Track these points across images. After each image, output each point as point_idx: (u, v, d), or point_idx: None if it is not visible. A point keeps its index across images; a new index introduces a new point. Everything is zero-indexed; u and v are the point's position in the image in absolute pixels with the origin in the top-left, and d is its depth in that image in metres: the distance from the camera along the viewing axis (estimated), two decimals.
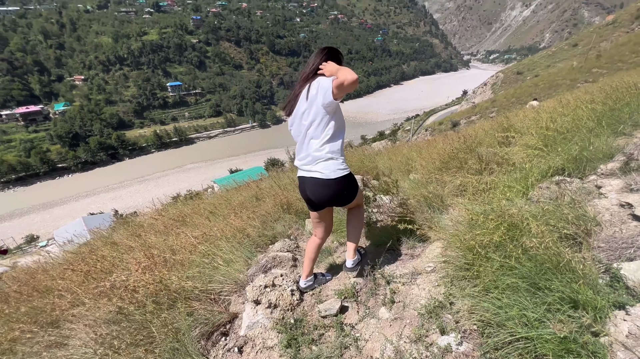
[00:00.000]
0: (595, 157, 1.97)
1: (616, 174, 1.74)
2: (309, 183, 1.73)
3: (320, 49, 1.77)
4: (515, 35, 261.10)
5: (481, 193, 1.89)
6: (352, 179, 1.78)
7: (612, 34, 49.74)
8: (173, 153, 71.89)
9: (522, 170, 1.99)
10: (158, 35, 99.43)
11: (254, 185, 4.23)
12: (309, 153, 1.70)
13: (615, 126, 2.18)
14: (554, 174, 1.94)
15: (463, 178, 2.02)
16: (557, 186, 1.77)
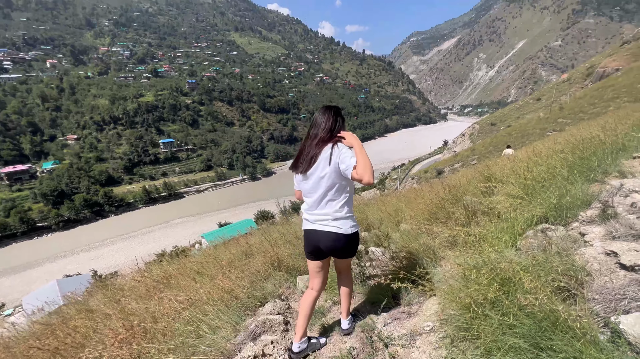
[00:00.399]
0: (574, 204, 2.05)
1: (596, 221, 1.80)
2: (323, 236, 1.84)
3: (326, 107, 1.93)
4: (485, 91, 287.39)
5: (471, 245, 1.91)
6: (359, 235, 1.95)
7: (569, 90, 55.45)
8: (161, 208, 70.56)
9: (508, 219, 2.04)
10: (154, 97, 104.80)
11: (243, 240, 4.12)
12: (327, 212, 1.82)
13: (587, 173, 2.32)
14: (539, 222, 1.99)
15: (451, 230, 2.04)
16: (544, 235, 1.81)
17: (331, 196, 1.79)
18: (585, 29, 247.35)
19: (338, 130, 1.87)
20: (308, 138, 1.89)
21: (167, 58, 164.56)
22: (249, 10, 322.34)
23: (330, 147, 1.79)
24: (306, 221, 1.92)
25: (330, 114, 1.90)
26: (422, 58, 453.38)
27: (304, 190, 1.91)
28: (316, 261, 1.96)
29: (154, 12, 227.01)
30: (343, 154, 1.72)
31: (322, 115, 1.89)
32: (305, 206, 1.93)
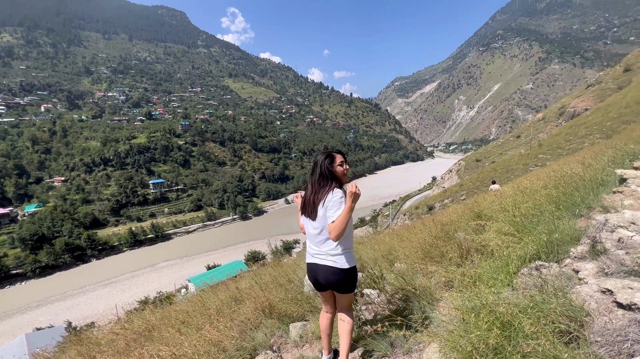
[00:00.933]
0: (564, 240, 2.08)
1: (587, 257, 1.84)
2: (322, 269, 1.98)
3: (320, 153, 2.07)
4: (467, 130, 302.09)
5: (467, 286, 1.90)
6: (356, 271, 2.04)
7: (545, 128, 58.85)
8: (146, 251, 67.70)
9: (501, 257, 2.05)
10: (146, 139, 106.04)
11: (233, 284, 3.92)
12: (324, 250, 1.96)
13: (572, 209, 2.38)
14: (532, 259, 1.99)
15: (446, 272, 2.03)
16: (538, 273, 1.82)
17: (327, 235, 1.92)
18: (552, 73, 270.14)
19: (330, 172, 2.01)
20: (310, 184, 2.08)
21: (162, 102, 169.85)
22: (243, 58, 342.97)
23: (326, 191, 1.95)
24: (308, 255, 2.11)
25: (326, 159, 2.04)
26: (407, 100, 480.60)
27: (305, 227, 2.10)
28: (321, 291, 2.12)
29: (152, 60, 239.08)
30: (332, 203, 1.88)
31: (317, 162, 2.06)
32: (308, 242, 2.10)
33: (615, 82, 47.36)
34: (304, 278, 2.91)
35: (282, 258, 6.03)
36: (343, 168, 2.03)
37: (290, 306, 2.64)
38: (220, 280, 27.68)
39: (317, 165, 2.02)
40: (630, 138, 5.78)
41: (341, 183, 2.03)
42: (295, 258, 5.27)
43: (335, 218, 1.82)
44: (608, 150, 4.09)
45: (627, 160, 2.98)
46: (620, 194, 2.26)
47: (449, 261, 2.29)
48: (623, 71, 50.30)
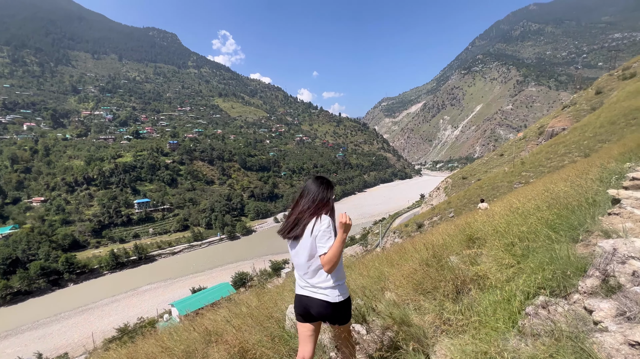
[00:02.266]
0: (568, 269, 1.92)
1: (599, 293, 1.65)
2: (313, 303, 1.86)
3: (316, 177, 1.98)
4: (452, 148, 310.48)
5: (466, 328, 1.77)
6: (350, 302, 1.93)
7: (526, 146, 61.04)
8: (128, 274, 64.73)
9: (502, 290, 1.91)
10: (132, 157, 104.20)
11: (208, 318, 3.57)
12: (315, 282, 1.85)
13: (569, 232, 2.23)
14: (535, 294, 1.85)
15: (442, 309, 1.89)
16: (545, 311, 1.64)
17: (316, 266, 1.83)
18: (530, 95, 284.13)
19: (326, 203, 1.93)
20: (297, 206, 1.94)
21: (150, 120, 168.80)
22: (233, 79, 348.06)
23: (313, 216, 1.86)
24: (298, 286, 1.96)
25: (322, 186, 1.95)
26: (394, 120, 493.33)
27: (292, 256, 1.97)
28: (306, 323, 1.93)
29: (141, 80, 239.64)
30: (321, 232, 1.78)
31: (314, 186, 1.94)
32: (296, 273, 1.97)
33: (589, 104, 50.03)
34: (286, 310, 2.65)
35: (266, 284, 5.68)
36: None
37: (267, 349, 2.35)
38: (206, 304, 26.59)
39: (314, 191, 1.92)
40: (610, 156, 5.95)
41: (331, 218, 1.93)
42: (282, 283, 4.98)
43: (327, 249, 1.73)
44: (592, 168, 4.15)
45: (613, 179, 3.00)
46: (616, 216, 2.14)
47: (443, 296, 2.14)
48: (595, 93, 53.31)
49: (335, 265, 1.71)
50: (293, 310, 2.30)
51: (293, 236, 1.89)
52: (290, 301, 2.85)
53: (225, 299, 4.85)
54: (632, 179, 2.34)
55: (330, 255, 1.70)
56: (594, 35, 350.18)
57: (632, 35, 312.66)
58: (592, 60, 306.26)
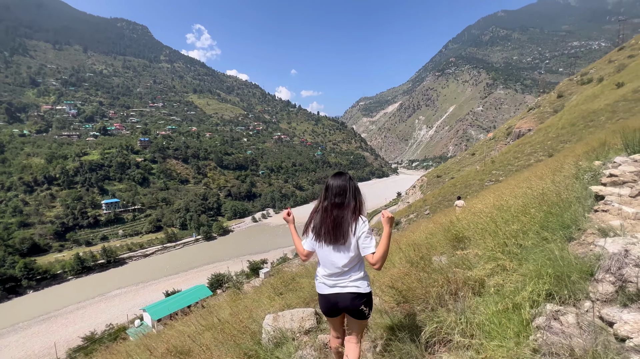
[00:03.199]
0: (572, 272, 1.73)
1: (616, 301, 1.47)
2: (342, 297, 1.89)
3: (342, 174, 2.02)
4: (427, 147, 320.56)
5: (469, 339, 1.62)
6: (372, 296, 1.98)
7: (496, 146, 64.18)
8: (96, 278, 61.21)
9: (503, 297, 1.75)
10: (100, 155, 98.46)
11: (175, 337, 3.23)
12: (347, 278, 1.89)
13: (563, 231, 2.12)
14: (545, 300, 1.67)
15: (437, 318, 1.76)
16: (558, 322, 1.45)
17: (352, 265, 1.88)
18: (498, 98, 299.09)
19: (358, 199, 1.95)
20: (329, 205, 1.95)
21: (119, 117, 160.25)
22: (208, 74, 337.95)
23: (355, 219, 1.88)
24: (324, 286, 1.96)
25: (352, 183, 1.97)
26: (371, 119, 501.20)
27: (326, 255, 1.93)
28: (332, 318, 2.02)
29: (109, 73, 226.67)
30: (365, 233, 1.84)
31: (344, 183, 1.96)
32: (323, 272, 1.96)
33: (551, 106, 53.36)
34: (263, 321, 2.45)
35: (242, 287, 5.42)
36: None
37: (326, 315, 2.19)
38: (180, 307, 25.50)
39: (352, 188, 1.95)
40: (575, 155, 6.30)
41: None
42: (260, 285, 4.77)
43: (374, 248, 1.80)
44: (565, 166, 4.33)
45: (586, 176, 3.12)
46: (605, 213, 2.06)
47: (436, 302, 2.00)
48: (557, 97, 56.96)
49: (385, 260, 1.81)
50: (270, 322, 2.21)
51: (341, 241, 1.87)
52: (267, 308, 2.71)
53: (200, 303, 4.60)
54: (610, 176, 2.41)
55: (381, 253, 1.76)
56: (555, 43, 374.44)
57: (589, 44, 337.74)
58: (554, 66, 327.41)
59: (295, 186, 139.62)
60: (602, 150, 6.33)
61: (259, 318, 2.60)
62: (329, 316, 2.01)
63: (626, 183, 2.28)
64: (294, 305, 2.62)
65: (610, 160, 3.58)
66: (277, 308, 2.67)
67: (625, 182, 2.29)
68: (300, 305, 2.60)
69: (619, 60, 52.28)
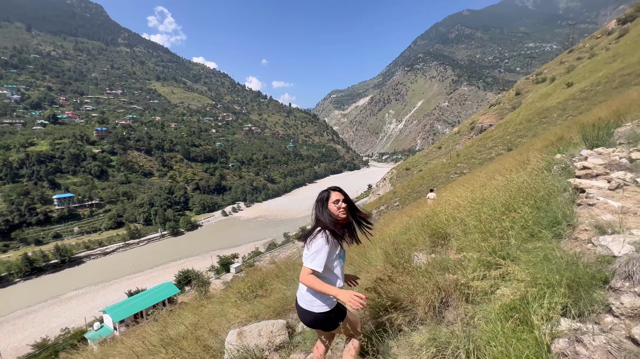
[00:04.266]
0: (580, 278, 1.46)
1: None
2: (299, 311, 1.92)
3: (326, 190, 2.00)
4: (397, 141, 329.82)
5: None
6: (330, 314, 1.83)
7: (461, 140, 67.42)
8: (49, 279, 56.48)
9: (507, 309, 1.47)
10: (49, 146, 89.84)
11: (136, 337, 2.91)
12: (301, 290, 1.91)
13: (554, 228, 1.95)
14: (559, 314, 1.40)
15: (433, 340, 1.50)
16: (583, 348, 1.21)
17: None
18: (463, 94, 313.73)
19: (324, 209, 1.94)
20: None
21: (72, 104, 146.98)
22: (173, 61, 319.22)
23: (313, 232, 1.85)
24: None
25: (320, 198, 1.98)
26: (343, 112, 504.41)
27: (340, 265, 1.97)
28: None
29: (58, 55, 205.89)
30: (310, 251, 1.79)
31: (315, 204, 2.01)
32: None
33: (510, 103, 56.83)
34: (226, 337, 2.17)
35: (208, 288, 5.02)
36: (337, 206, 1.90)
37: None
38: (145, 307, 24.09)
39: (316, 201, 1.97)
40: (535, 149, 6.60)
41: (336, 221, 1.89)
42: (228, 285, 4.43)
43: (313, 266, 1.74)
44: (531, 159, 4.43)
45: (554, 169, 3.16)
46: (592, 207, 1.94)
47: (424, 312, 1.76)
48: (515, 94, 60.72)
49: (308, 285, 1.76)
50: (234, 339, 1.94)
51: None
52: (232, 318, 2.42)
53: (161, 307, 4.22)
54: (583, 168, 2.42)
55: (307, 280, 1.74)
56: (514, 43, 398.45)
57: (542, 46, 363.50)
58: (512, 65, 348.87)
59: (267, 179, 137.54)
60: (560, 144, 6.71)
61: (222, 331, 2.31)
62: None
63: (599, 175, 2.29)
64: (263, 315, 2.34)
65: (574, 153, 3.69)
66: (243, 319, 2.38)
67: (599, 175, 2.30)
68: (270, 315, 2.32)
69: (569, 62, 56.71)
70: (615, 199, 1.88)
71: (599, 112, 7.18)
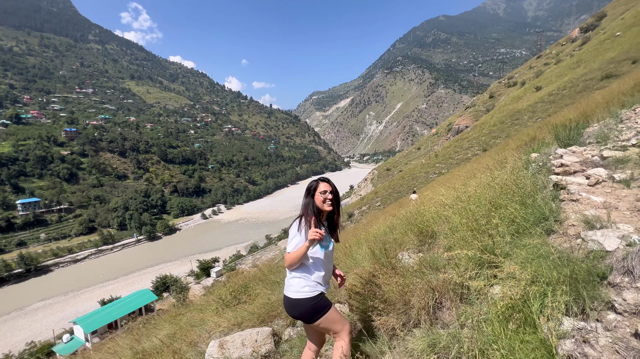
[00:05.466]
0: (577, 275, 1.40)
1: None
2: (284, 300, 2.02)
3: (316, 180, 2.06)
4: (377, 142, 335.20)
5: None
6: (309, 302, 1.86)
7: (439, 141, 69.45)
8: (11, 290, 52.77)
9: (505, 308, 1.39)
10: (12, 147, 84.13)
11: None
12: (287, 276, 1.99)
13: (542, 224, 1.92)
14: (560, 313, 1.33)
15: (432, 346, 1.42)
16: (591, 349, 1.16)
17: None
18: (440, 96, 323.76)
19: (306, 206, 1.99)
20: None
21: (37, 103, 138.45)
22: (148, 60, 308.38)
23: (297, 218, 1.97)
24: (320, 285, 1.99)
25: (309, 186, 2.05)
26: (324, 113, 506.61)
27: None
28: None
29: (22, 51, 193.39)
30: (290, 235, 1.92)
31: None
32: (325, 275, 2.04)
33: (484, 106, 59.16)
34: (207, 349, 2.05)
35: (187, 294, 4.82)
36: (323, 196, 1.95)
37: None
38: (120, 316, 23.01)
39: (305, 189, 2.05)
40: (510, 149, 6.85)
41: (319, 211, 1.96)
42: (210, 286, 4.22)
43: (289, 249, 1.87)
44: (508, 158, 4.56)
45: (531, 167, 3.26)
46: (575, 203, 1.95)
47: (419, 313, 1.69)
48: (489, 97, 63.29)
49: (292, 266, 1.87)
50: (215, 352, 1.82)
51: None
52: (213, 327, 2.28)
53: (138, 316, 3.97)
54: (561, 166, 2.49)
55: (288, 257, 1.86)
56: (487, 49, 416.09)
57: (513, 51, 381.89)
58: (485, 70, 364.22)
59: (248, 181, 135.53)
60: (533, 144, 7.01)
61: (203, 343, 2.17)
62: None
63: (577, 172, 2.37)
64: (246, 323, 2.21)
65: (548, 152, 3.82)
66: (225, 328, 2.23)
67: (576, 172, 2.38)
68: (254, 323, 2.19)
69: (537, 67, 59.85)
70: (596, 194, 1.93)
71: (567, 114, 7.58)
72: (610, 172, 2.21)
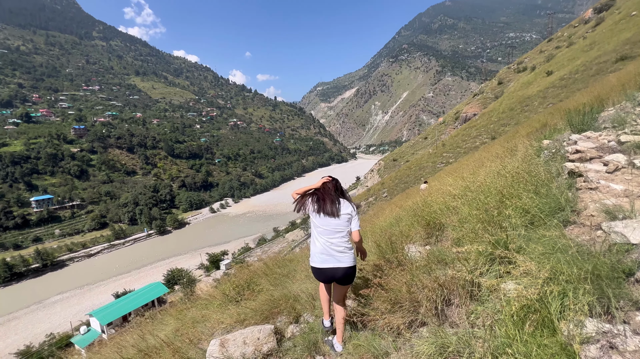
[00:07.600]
0: (600, 271, 1.27)
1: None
2: (340, 271, 2.22)
3: (330, 178, 2.54)
4: (383, 132, 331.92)
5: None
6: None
7: (446, 130, 68.33)
8: (30, 284, 54.58)
9: (526, 309, 1.26)
10: (24, 146, 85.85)
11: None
12: (342, 245, 2.23)
13: (559, 214, 1.81)
14: (589, 314, 1.20)
15: (442, 348, 1.33)
16: (619, 356, 1.03)
17: (344, 233, 2.25)
18: (447, 84, 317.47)
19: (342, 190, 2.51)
20: (327, 193, 2.44)
21: (46, 101, 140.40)
22: (152, 55, 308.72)
23: (347, 202, 2.36)
24: (322, 256, 2.23)
25: (337, 182, 2.56)
26: (329, 105, 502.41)
27: (325, 224, 2.28)
28: (326, 284, 2.35)
29: (28, 50, 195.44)
30: (356, 214, 2.30)
31: (330, 183, 2.53)
32: (321, 238, 2.27)
33: (493, 92, 57.77)
34: (208, 348, 2.01)
35: (194, 287, 4.82)
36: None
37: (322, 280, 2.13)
38: (134, 308, 23.59)
39: (336, 184, 2.50)
40: (521, 136, 6.64)
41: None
42: (212, 288, 4.23)
43: (358, 228, 2.24)
44: (519, 146, 4.41)
45: (543, 154, 3.13)
46: (594, 191, 1.82)
47: (428, 314, 1.60)
48: (497, 84, 61.73)
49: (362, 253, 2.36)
50: (216, 351, 1.80)
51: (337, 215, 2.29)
52: (215, 324, 2.27)
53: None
54: (576, 152, 2.36)
55: (360, 235, 2.27)
56: (495, 33, 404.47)
57: (522, 35, 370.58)
58: (494, 55, 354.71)
59: (254, 174, 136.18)
60: (544, 130, 6.78)
61: (205, 340, 2.16)
62: (323, 281, 2.28)
63: (593, 159, 2.24)
64: (249, 320, 2.19)
65: (561, 138, 3.66)
66: (227, 325, 2.22)
67: (593, 158, 2.24)
68: (257, 320, 2.17)
69: (548, 51, 57.94)
70: (616, 182, 1.80)
71: (580, 98, 7.29)
72: (630, 158, 2.07)
